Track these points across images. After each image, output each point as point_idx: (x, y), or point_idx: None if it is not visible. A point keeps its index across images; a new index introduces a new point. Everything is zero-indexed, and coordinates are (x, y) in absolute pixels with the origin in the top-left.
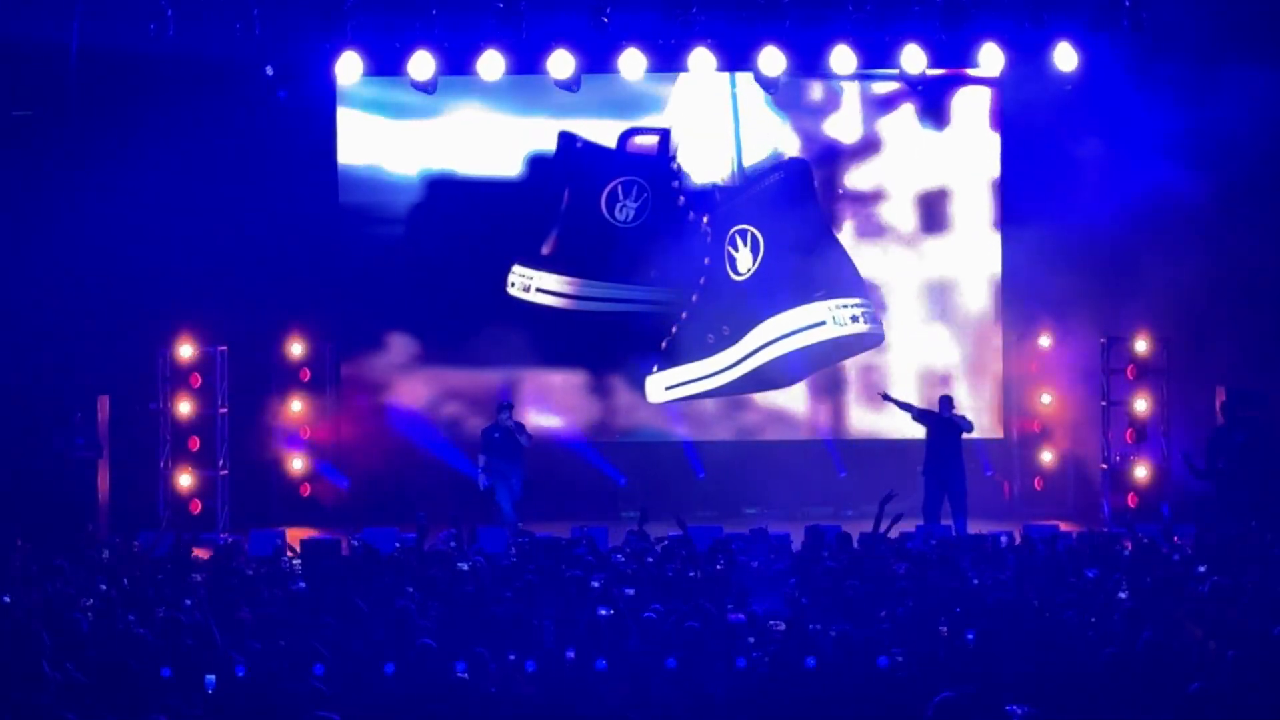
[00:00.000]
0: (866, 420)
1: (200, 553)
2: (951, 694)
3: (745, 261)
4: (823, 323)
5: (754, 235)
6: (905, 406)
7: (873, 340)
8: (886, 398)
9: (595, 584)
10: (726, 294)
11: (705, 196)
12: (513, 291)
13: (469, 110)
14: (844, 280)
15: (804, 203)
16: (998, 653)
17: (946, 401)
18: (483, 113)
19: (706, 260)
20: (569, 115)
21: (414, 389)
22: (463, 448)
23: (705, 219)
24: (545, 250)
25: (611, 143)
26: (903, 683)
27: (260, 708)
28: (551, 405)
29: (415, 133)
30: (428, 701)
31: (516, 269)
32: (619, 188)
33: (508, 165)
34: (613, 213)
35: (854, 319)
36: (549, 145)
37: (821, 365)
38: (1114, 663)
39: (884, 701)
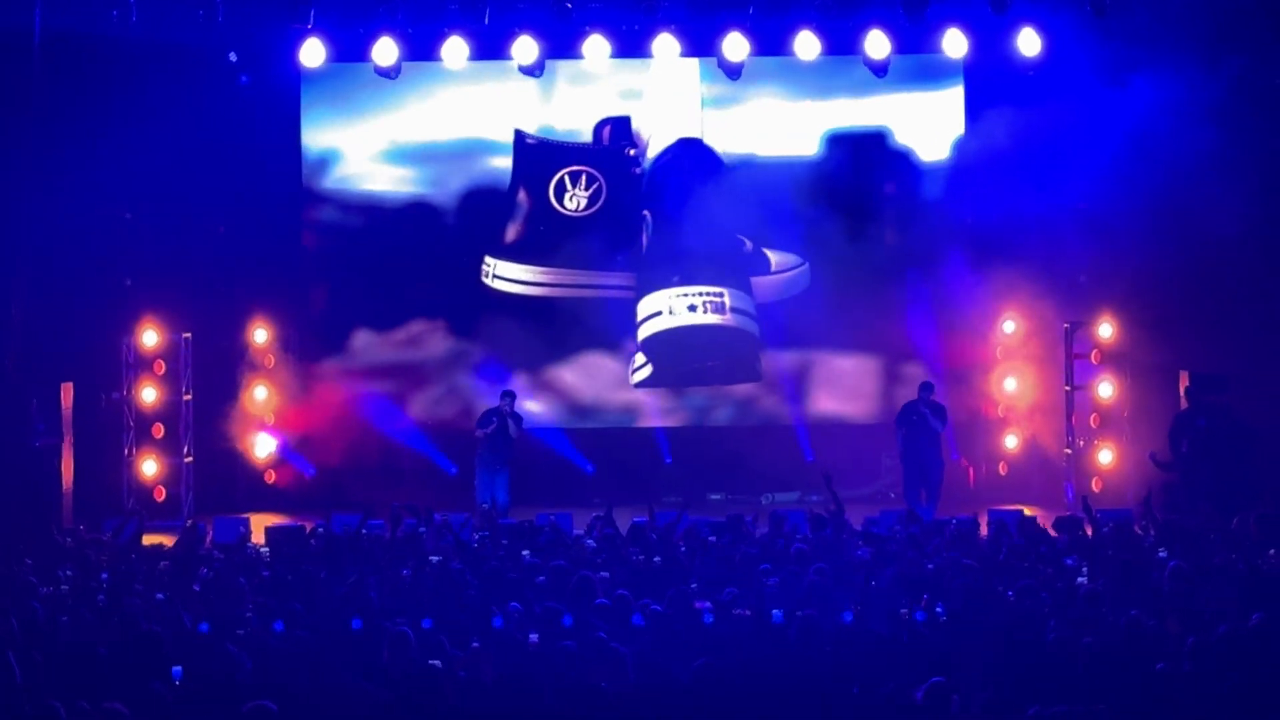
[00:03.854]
0: (830, 403)
1: (164, 539)
2: (941, 679)
3: (644, 245)
4: (659, 313)
5: (646, 218)
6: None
7: (734, 335)
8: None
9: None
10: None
11: None
12: (484, 279)
13: (438, 96)
14: (708, 267)
15: (690, 184)
16: (962, 636)
17: (926, 387)
18: (454, 97)
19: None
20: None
21: (381, 375)
22: (429, 434)
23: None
24: (507, 239)
25: (587, 131)
26: (867, 667)
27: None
28: (518, 391)
29: (382, 119)
30: (397, 687)
31: (486, 257)
32: (566, 178)
33: (482, 154)
34: (562, 202)
35: (691, 308)
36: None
37: (685, 362)
38: (1075, 646)
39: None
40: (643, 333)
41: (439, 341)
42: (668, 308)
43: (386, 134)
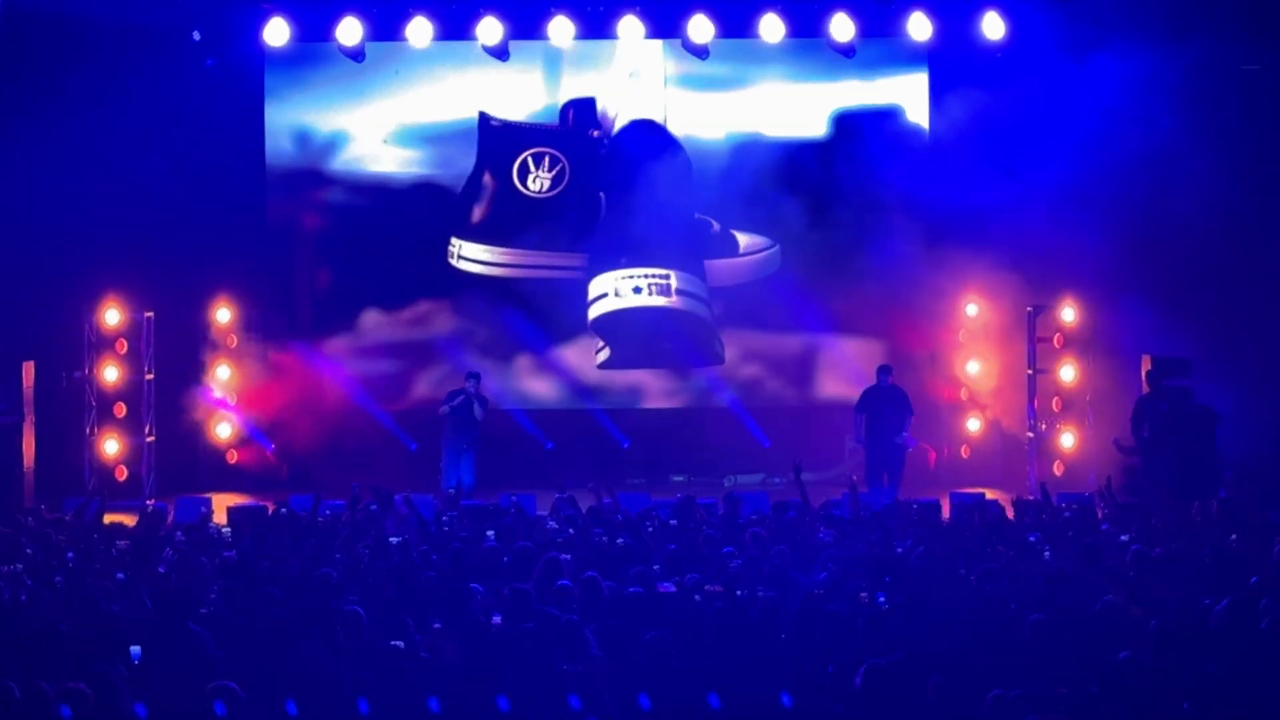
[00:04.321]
0: (792, 386)
1: (126, 519)
2: (880, 661)
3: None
4: (605, 294)
5: (602, 199)
6: (858, 428)
7: (681, 318)
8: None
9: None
10: None
11: None
12: (450, 260)
13: (405, 75)
14: (658, 249)
15: (643, 166)
16: (922, 619)
17: (885, 370)
18: (419, 78)
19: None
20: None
21: (345, 356)
22: (394, 415)
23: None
24: (473, 220)
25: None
26: (829, 649)
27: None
28: (484, 373)
29: (349, 99)
30: (356, 669)
31: (452, 238)
32: (530, 159)
33: (448, 135)
34: (525, 183)
35: (636, 290)
36: (495, 110)
37: (636, 344)
38: (1037, 629)
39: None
40: (591, 314)
41: (406, 321)
42: (614, 289)
43: (393, 115)
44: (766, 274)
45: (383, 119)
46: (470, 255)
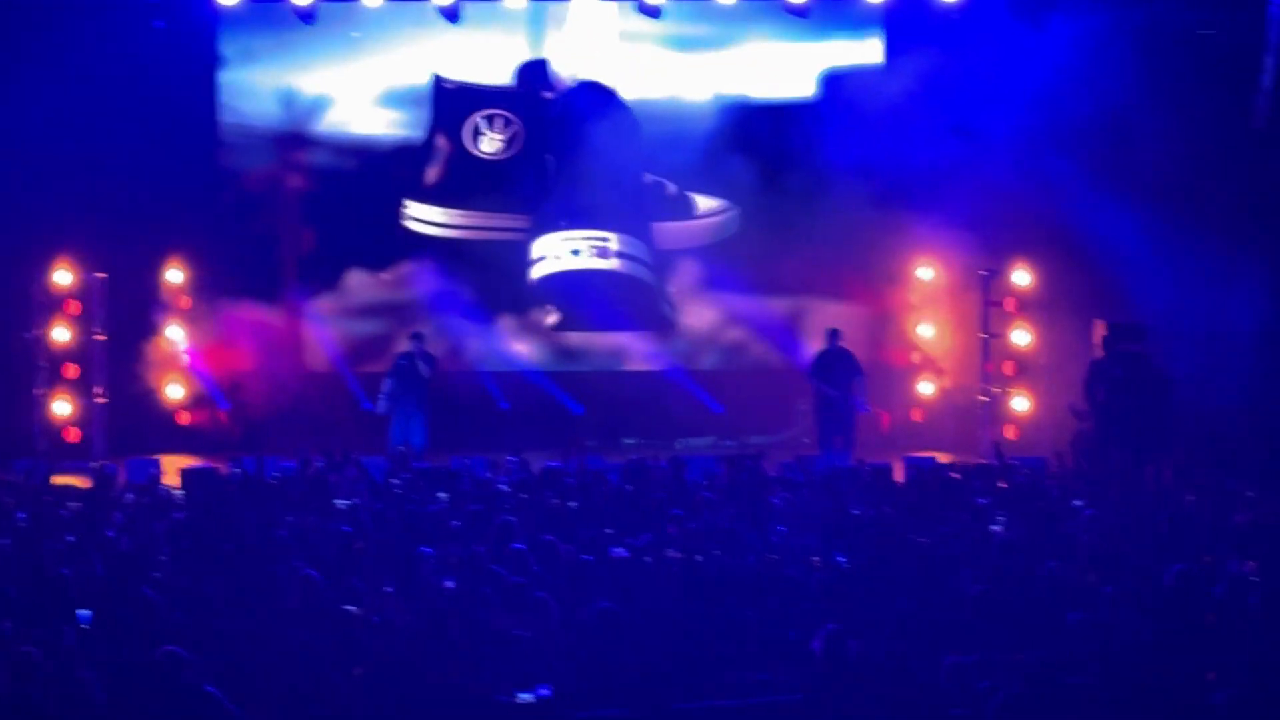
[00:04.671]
0: (745, 349)
1: (77, 480)
2: (837, 626)
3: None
4: (544, 257)
5: (549, 161)
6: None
7: (621, 280)
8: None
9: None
10: None
11: None
12: (403, 222)
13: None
14: (600, 212)
15: (588, 127)
16: (876, 585)
17: (834, 334)
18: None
19: None
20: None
21: (299, 317)
22: (350, 376)
23: None
24: (426, 182)
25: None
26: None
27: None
28: (439, 335)
29: (302, 61)
30: (311, 633)
31: (404, 200)
32: (481, 121)
33: (404, 98)
34: (477, 145)
35: (574, 253)
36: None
37: (577, 306)
38: (991, 596)
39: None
40: (532, 276)
41: (361, 283)
42: (553, 252)
43: (381, 77)
44: (724, 237)
45: (364, 80)
46: (421, 216)
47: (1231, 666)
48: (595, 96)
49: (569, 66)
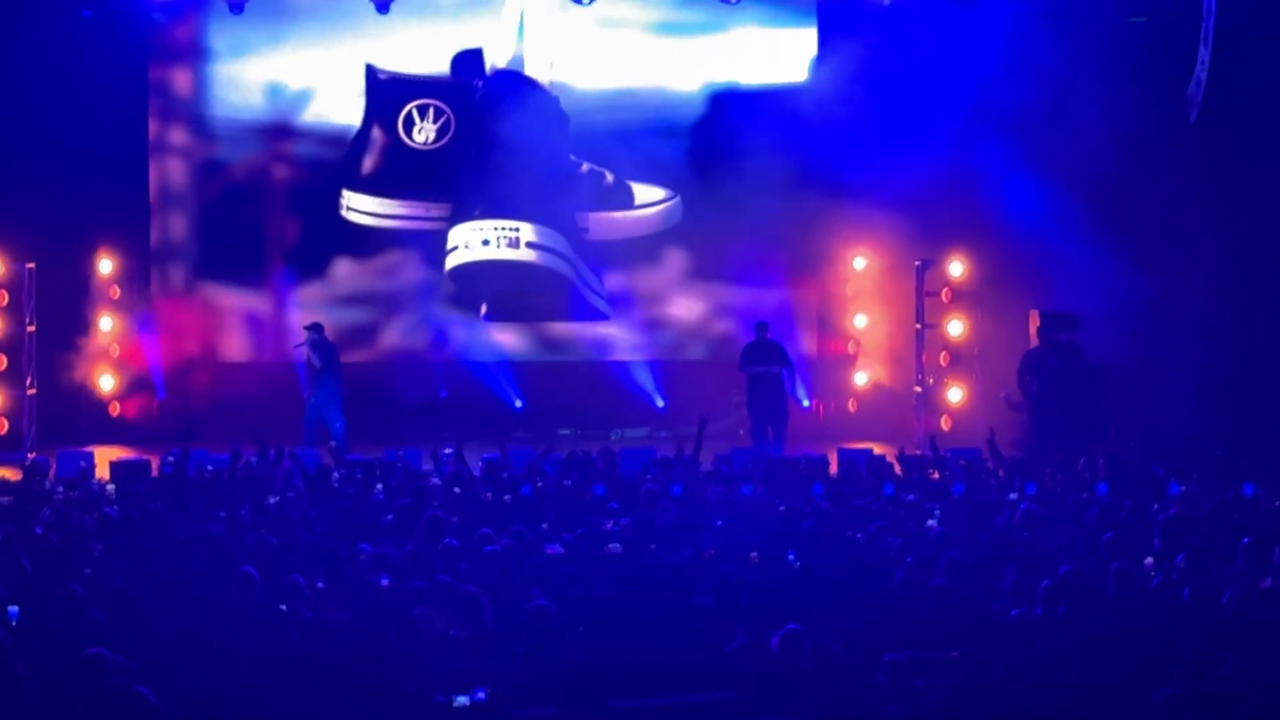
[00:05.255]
0: (677, 340)
1: (7, 473)
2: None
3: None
4: (457, 246)
5: (472, 149)
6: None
7: (533, 271)
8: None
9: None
10: None
11: None
12: (341, 212)
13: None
14: (516, 202)
15: (509, 116)
16: (813, 580)
17: (762, 327)
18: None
19: None
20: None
21: (232, 308)
22: (281, 368)
23: None
24: (362, 172)
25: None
26: (716, 611)
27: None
28: (378, 326)
29: (286, 51)
30: (244, 632)
31: (343, 190)
32: (414, 111)
33: (339, 89)
34: (410, 135)
35: (485, 242)
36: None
37: (490, 295)
38: (927, 590)
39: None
40: (447, 265)
41: (293, 274)
42: (464, 241)
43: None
44: (667, 226)
45: (345, 71)
46: (358, 206)
47: (1169, 663)
48: (514, 86)
49: (503, 55)
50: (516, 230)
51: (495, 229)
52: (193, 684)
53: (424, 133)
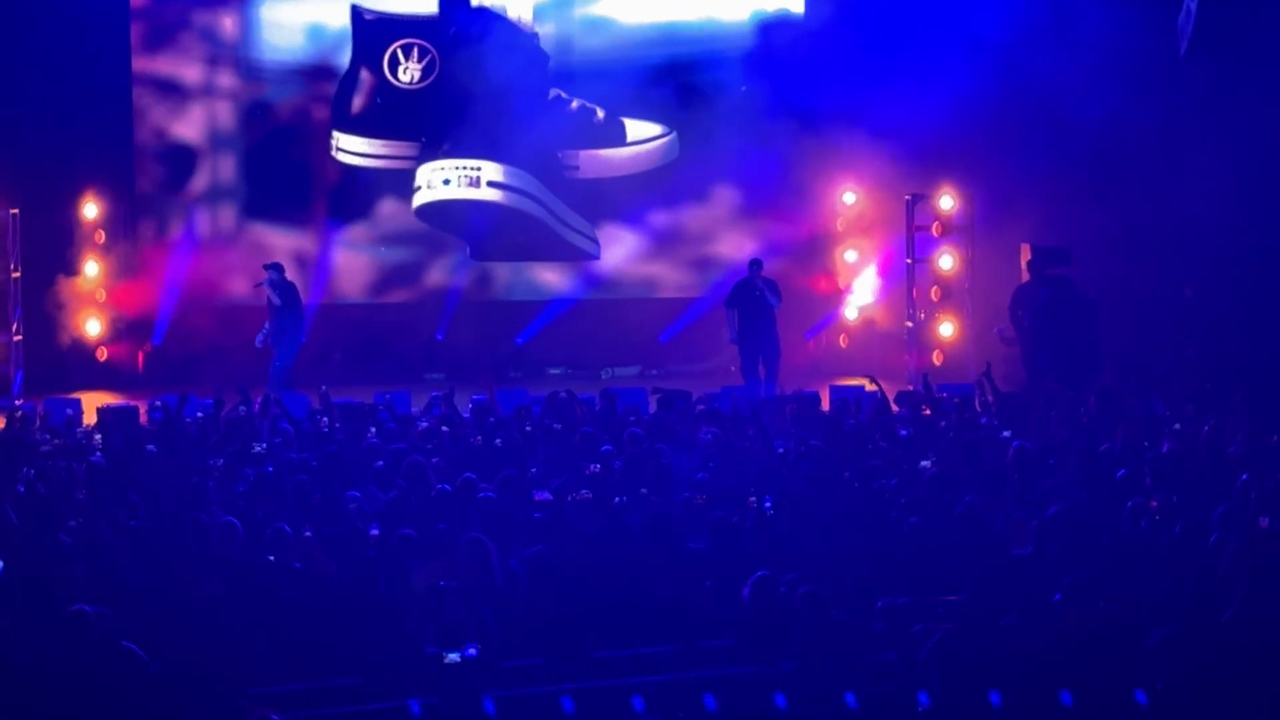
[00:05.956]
0: (673, 278)
1: None
2: (765, 573)
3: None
4: (419, 187)
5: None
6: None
7: (495, 211)
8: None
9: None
10: None
11: None
12: (332, 153)
13: None
14: (483, 140)
15: (485, 54)
16: (806, 525)
17: (755, 264)
18: None
19: None
20: None
21: (219, 250)
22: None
23: None
24: (351, 112)
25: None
26: (711, 559)
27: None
28: (363, 265)
29: None
30: (232, 581)
31: (333, 132)
32: (399, 51)
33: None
34: (396, 75)
35: (445, 181)
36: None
37: (457, 234)
38: (921, 531)
39: (693, 577)
40: (413, 204)
41: (284, 215)
42: (426, 181)
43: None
44: (664, 163)
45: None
46: (347, 147)
47: (1163, 604)
48: (489, 24)
49: None
50: (478, 170)
51: (456, 168)
52: (179, 638)
53: (409, 72)
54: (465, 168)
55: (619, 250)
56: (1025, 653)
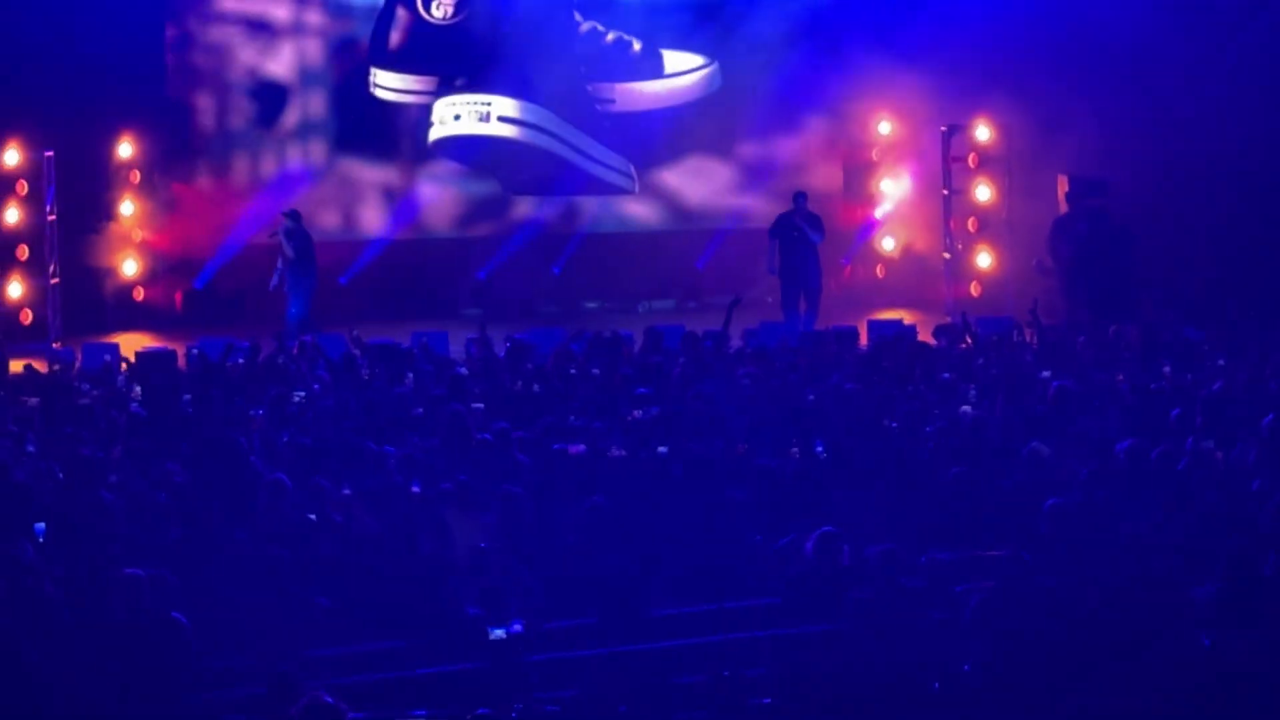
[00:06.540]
0: (709, 206)
1: (36, 364)
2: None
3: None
4: (432, 123)
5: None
6: (770, 266)
7: (504, 145)
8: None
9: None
10: None
11: None
12: (370, 90)
13: None
14: (500, 74)
15: None
16: (847, 474)
17: (801, 196)
18: None
19: None
20: None
21: (255, 191)
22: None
23: None
24: (388, 48)
25: None
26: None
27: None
28: (403, 201)
29: None
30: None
31: (371, 68)
32: None
33: None
34: (429, 10)
35: (456, 117)
36: None
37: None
38: (963, 482)
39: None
40: (429, 138)
41: (320, 153)
42: (439, 117)
43: None
44: (705, 94)
45: None
46: (384, 83)
47: (1212, 558)
48: None
49: None
50: (488, 104)
51: (467, 104)
52: (221, 604)
53: (441, 8)
54: (475, 103)
55: (704, 183)
56: (1070, 611)
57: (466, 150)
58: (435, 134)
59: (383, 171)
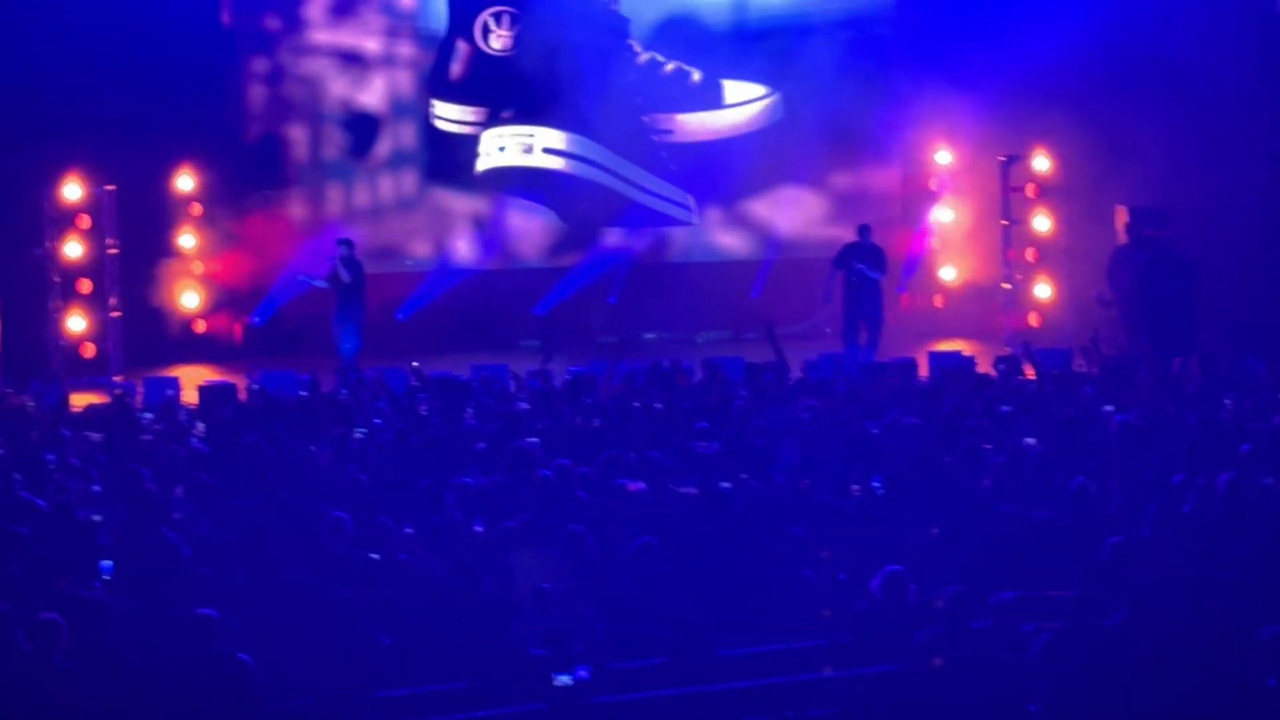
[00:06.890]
0: (765, 237)
1: (93, 397)
2: (899, 568)
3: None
4: (479, 154)
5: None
6: (826, 296)
7: (546, 177)
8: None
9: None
10: None
11: None
12: (431, 121)
13: None
14: (545, 106)
15: (559, 20)
16: (907, 512)
17: (865, 229)
18: None
19: None
20: None
21: (317, 222)
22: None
23: None
24: (448, 80)
25: None
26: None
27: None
28: (458, 232)
29: None
30: (336, 581)
31: (431, 99)
32: (490, 19)
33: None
34: (487, 42)
35: (501, 149)
36: None
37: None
38: (1028, 518)
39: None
40: (477, 169)
41: (384, 185)
42: (485, 148)
43: None
44: (767, 125)
45: None
46: (444, 115)
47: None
48: None
49: None
50: (531, 136)
51: (512, 135)
52: (285, 644)
53: (500, 39)
54: (519, 134)
55: (798, 213)
56: (1138, 651)
57: (512, 182)
58: (481, 165)
59: (471, 202)
